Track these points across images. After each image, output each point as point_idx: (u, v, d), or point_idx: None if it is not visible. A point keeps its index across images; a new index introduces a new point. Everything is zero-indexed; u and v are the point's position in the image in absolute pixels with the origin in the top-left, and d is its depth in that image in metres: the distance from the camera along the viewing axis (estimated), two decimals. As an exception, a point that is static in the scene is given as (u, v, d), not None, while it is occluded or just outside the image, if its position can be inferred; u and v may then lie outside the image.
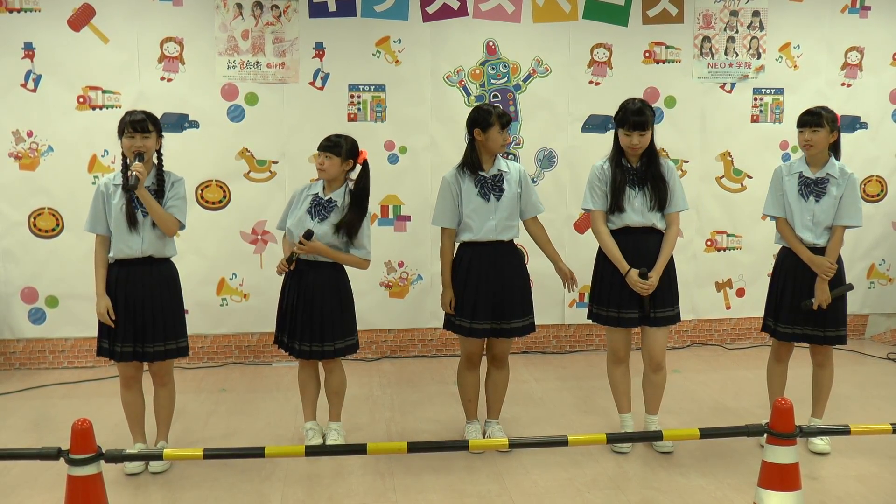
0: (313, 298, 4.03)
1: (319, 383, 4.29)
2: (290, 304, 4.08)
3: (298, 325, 4.05)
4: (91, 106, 5.55)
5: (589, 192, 4.18)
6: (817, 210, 4.07)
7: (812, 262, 4.07)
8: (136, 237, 3.82)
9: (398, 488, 3.76)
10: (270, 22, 5.66)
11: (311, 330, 4.04)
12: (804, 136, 4.07)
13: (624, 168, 4.12)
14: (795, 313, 4.15)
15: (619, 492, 3.72)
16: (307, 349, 4.06)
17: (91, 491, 2.68)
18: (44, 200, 5.58)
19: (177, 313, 4.00)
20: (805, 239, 4.10)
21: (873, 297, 6.58)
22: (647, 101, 4.09)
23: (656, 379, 4.24)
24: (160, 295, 3.90)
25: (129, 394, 4.00)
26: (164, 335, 3.91)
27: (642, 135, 4.00)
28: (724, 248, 6.34)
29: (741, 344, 6.46)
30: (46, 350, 5.75)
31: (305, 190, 4.16)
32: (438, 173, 5.78)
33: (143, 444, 4.08)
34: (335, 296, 4.08)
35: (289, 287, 4.12)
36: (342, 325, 4.11)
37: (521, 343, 6.09)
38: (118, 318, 3.85)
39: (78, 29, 5.49)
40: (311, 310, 4.03)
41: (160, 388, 4.05)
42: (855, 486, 3.79)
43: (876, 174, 6.41)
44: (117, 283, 3.87)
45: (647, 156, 4.11)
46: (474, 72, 5.90)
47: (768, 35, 6.16)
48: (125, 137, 3.79)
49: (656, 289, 4.08)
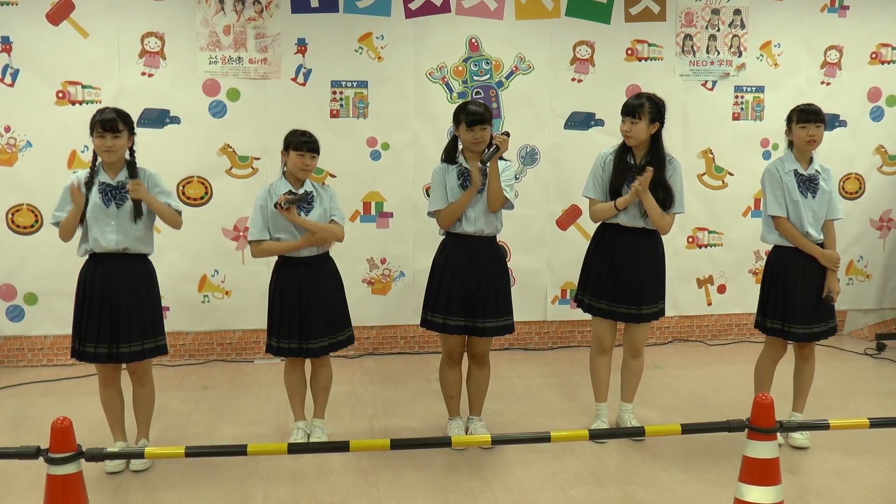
0: (306, 295, 4.00)
1: (306, 381, 4.26)
2: (284, 302, 4.03)
3: (287, 322, 4.02)
4: (70, 101, 5.49)
5: (591, 179, 4.25)
6: (815, 206, 4.12)
7: (823, 256, 4.11)
8: (110, 231, 3.79)
9: (381, 485, 3.76)
10: (252, 17, 5.63)
11: (302, 327, 4.01)
12: (808, 132, 4.04)
13: (626, 165, 4.13)
14: (812, 312, 4.12)
15: (601, 487, 3.74)
16: (296, 346, 4.03)
17: (71, 490, 2.65)
18: (22, 196, 5.52)
19: (154, 311, 3.95)
20: (813, 235, 4.12)
21: (852, 294, 6.64)
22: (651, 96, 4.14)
23: (635, 365, 4.37)
24: (137, 293, 3.85)
25: (107, 392, 3.96)
26: (142, 334, 3.85)
27: (633, 122, 4.04)
28: (705, 244, 6.38)
29: (722, 340, 6.50)
30: (25, 348, 5.69)
31: (272, 192, 4.02)
32: (420, 169, 5.81)
33: (124, 443, 4.04)
34: (325, 290, 4.07)
35: (279, 287, 4.06)
36: (335, 320, 4.11)
37: (504, 340, 6.10)
38: (92, 315, 3.79)
39: (57, 23, 5.43)
40: (302, 306, 4.00)
41: (139, 387, 4.01)
42: (833, 479, 3.83)
43: (854, 172, 6.48)
44: (93, 279, 3.83)
45: (651, 155, 4.11)
46: (457, 68, 5.89)
47: (749, 33, 6.20)
48: (95, 137, 3.75)
49: (643, 286, 4.16)
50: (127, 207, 3.80)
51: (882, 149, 6.50)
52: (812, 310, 4.13)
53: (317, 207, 4.04)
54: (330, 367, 4.25)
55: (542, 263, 6.13)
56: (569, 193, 6.04)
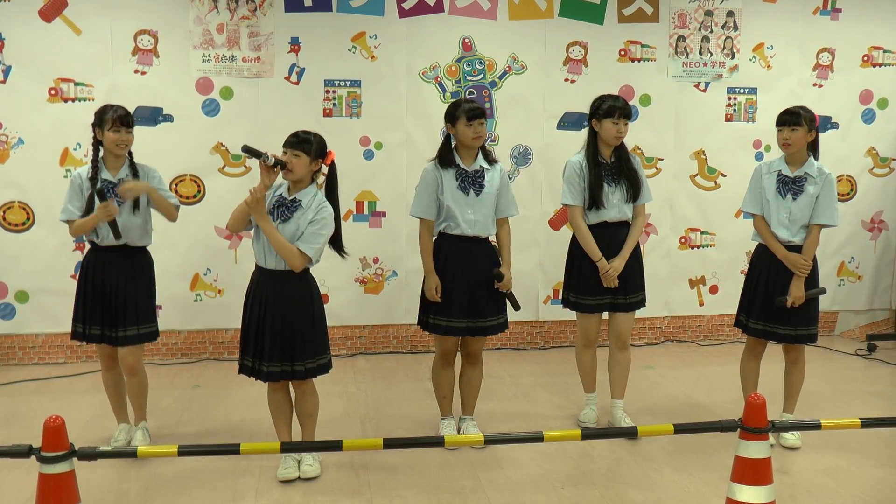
0: (283, 313, 3.63)
1: (292, 404, 3.89)
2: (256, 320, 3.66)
3: (266, 343, 3.64)
4: (63, 98, 5.47)
5: (567, 187, 4.31)
6: (794, 208, 4.12)
7: (786, 258, 4.12)
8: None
9: (373, 485, 3.75)
10: (246, 16, 5.61)
11: (283, 348, 3.64)
12: (783, 135, 4.12)
13: (600, 164, 4.26)
14: (767, 310, 4.20)
15: (593, 487, 3.75)
16: (277, 370, 3.65)
17: (63, 489, 2.64)
18: (14, 194, 5.50)
19: (150, 299, 4.11)
20: (780, 236, 4.15)
21: (843, 295, 6.67)
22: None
23: (622, 358, 4.44)
24: (134, 283, 4.01)
25: (109, 375, 4.16)
26: (137, 320, 4.00)
27: (627, 123, 4.21)
28: (697, 245, 6.40)
29: (714, 340, 6.52)
30: (16, 346, 5.67)
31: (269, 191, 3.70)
32: (413, 169, 5.79)
33: (127, 424, 4.23)
34: (306, 309, 3.69)
35: (253, 302, 3.71)
36: (314, 342, 3.71)
37: (496, 339, 6.10)
38: (95, 300, 3.96)
39: (49, 20, 5.41)
40: (281, 326, 3.62)
41: (130, 377, 4.11)
42: (824, 479, 3.85)
43: (846, 173, 6.50)
44: (95, 269, 3.97)
45: (618, 150, 4.30)
46: (450, 68, 5.89)
47: (742, 35, 6.22)
48: (111, 131, 3.87)
49: (626, 276, 4.28)
50: (127, 204, 3.96)
51: (873, 151, 6.53)
52: (769, 308, 4.18)
53: (292, 222, 3.63)
54: (315, 394, 3.84)
55: (534, 263, 6.14)
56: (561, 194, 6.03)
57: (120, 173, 3.96)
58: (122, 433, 4.18)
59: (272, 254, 3.64)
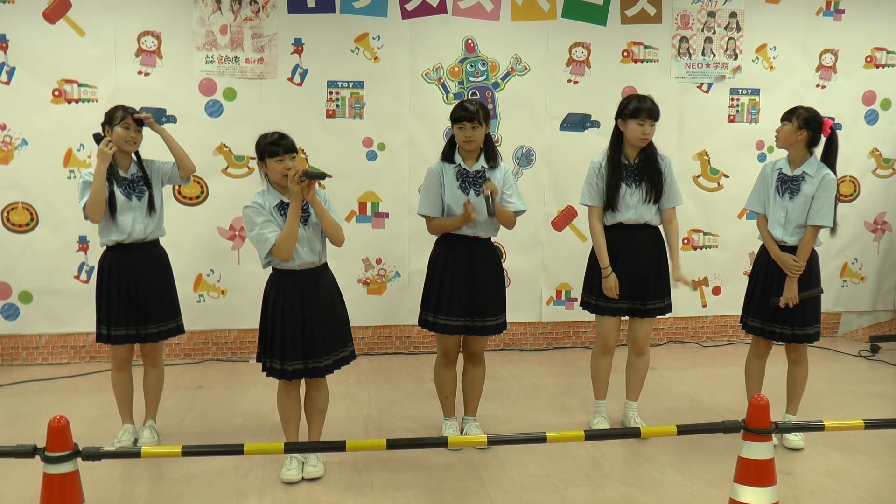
0: (309, 309, 3.65)
1: (300, 404, 3.90)
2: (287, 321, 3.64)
3: (290, 342, 3.64)
4: (67, 99, 5.48)
5: (587, 187, 4.29)
6: (790, 207, 4.12)
7: (778, 258, 4.13)
8: (139, 221, 4.03)
9: (376, 485, 3.76)
10: (249, 17, 5.62)
11: (306, 345, 3.65)
12: (775, 131, 4.20)
13: (621, 165, 4.21)
14: (765, 309, 4.22)
15: (596, 488, 3.75)
16: (301, 367, 3.66)
17: (67, 489, 2.65)
18: (18, 195, 5.51)
19: (173, 293, 4.23)
20: (775, 235, 4.15)
21: (846, 296, 6.67)
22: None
23: (639, 363, 4.42)
24: (157, 278, 4.13)
25: (120, 376, 4.18)
26: (166, 315, 4.14)
27: (653, 125, 4.16)
28: (700, 246, 6.40)
29: (717, 341, 6.52)
30: (20, 346, 5.68)
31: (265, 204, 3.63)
32: (416, 170, 5.81)
33: (131, 424, 4.24)
34: (329, 304, 3.73)
35: (279, 303, 3.67)
36: (341, 334, 3.79)
37: (499, 340, 6.11)
38: (121, 301, 4.02)
39: (53, 21, 5.42)
40: (306, 324, 3.64)
41: (152, 368, 4.25)
42: (827, 480, 3.84)
43: (849, 174, 6.50)
44: (119, 269, 4.03)
45: (644, 151, 4.22)
46: (453, 69, 5.90)
47: (745, 36, 6.22)
48: (121, 128, 3.97)
49: (647, 283, 4.24)
50: (145, 198, 4.07)
51: (876, 152, 6.53)
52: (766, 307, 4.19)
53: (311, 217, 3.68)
54: (326, 389, 3.88)
55: (537, 264, 6.14)
56: (564, 194, 6.05)
57: (130, 170, 4.07)
58: (125, 433, 4.19)
59: (305, 247, 3.64)
